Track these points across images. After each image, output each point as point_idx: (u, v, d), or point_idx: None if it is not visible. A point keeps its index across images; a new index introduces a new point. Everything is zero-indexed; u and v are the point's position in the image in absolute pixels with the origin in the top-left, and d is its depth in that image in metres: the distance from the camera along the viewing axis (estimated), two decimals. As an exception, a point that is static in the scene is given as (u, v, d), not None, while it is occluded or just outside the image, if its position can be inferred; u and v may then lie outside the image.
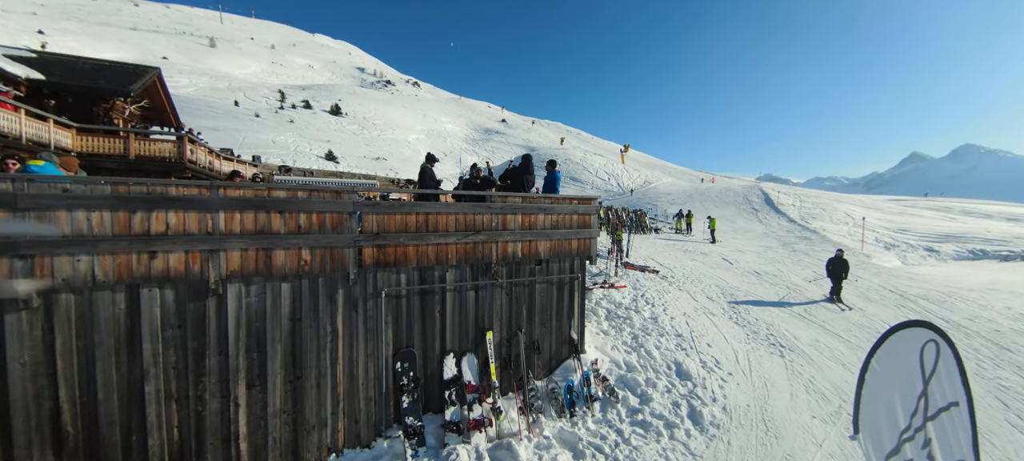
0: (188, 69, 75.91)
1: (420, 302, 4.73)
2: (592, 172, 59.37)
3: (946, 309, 11.44)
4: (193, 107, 46.41)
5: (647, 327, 7.87)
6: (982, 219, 38.01)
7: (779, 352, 7.98)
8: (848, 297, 12.26)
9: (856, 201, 43.13)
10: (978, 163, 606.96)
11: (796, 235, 27.16)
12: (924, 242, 27.18)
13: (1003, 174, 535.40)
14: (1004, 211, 42.00)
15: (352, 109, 78.13)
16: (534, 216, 5.37)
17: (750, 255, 18.46)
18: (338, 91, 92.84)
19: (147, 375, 3.48)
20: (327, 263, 4.11)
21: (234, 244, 3.69)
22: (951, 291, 13.41)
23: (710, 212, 39.39)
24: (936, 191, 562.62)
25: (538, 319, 5.61)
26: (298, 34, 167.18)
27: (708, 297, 10.55)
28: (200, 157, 15.19)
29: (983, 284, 15.23)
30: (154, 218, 3.43)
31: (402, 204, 4.46)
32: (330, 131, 58.92)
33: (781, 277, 14.10)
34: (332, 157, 41.83)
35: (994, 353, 8.42)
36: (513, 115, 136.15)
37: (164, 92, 17.03)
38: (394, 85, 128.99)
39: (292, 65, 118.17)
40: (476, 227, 4.93)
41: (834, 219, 33.83)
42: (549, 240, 5.52)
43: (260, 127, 47.84)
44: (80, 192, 3.21)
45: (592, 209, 5.89)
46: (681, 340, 7.57)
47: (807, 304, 11.27)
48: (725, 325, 8.80)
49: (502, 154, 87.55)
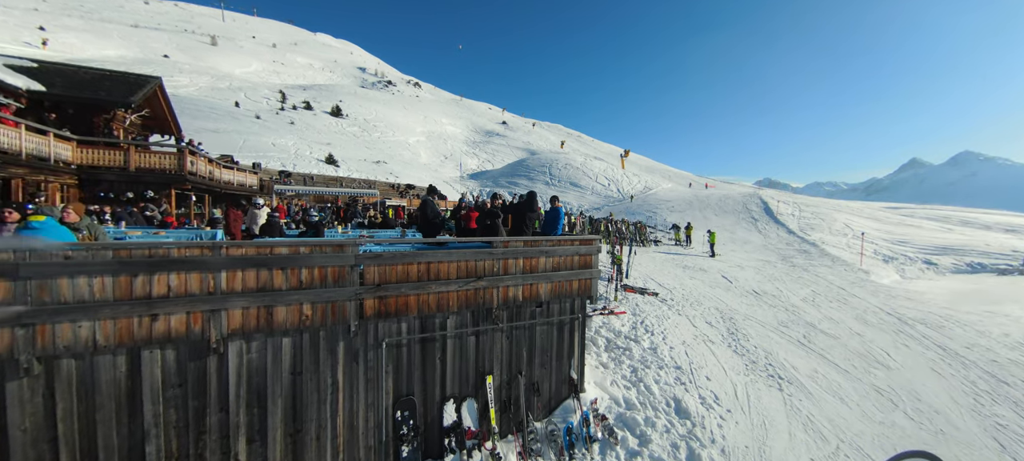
0: (189, 68, 75.87)
1: (420, 350, 4.73)
2: (592, 177, 59.43)
3: (944, 335, 11.45)
4: (194, 108, 46.40)
5: (646, 359, 7.88)
6: (981, 230, 38.04)
7: (778, 385, 7.99)
8: (845, 320, 12.30)
9: (855, 210, 43.20)
10: (978, 170, 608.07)
11: (795, 248, 27.20)
12: (922, 254, 27.23)
13: (1002, 181, 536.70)
14: (1002, 221, 42.03)
15: (353, 110, 78.17)
16: (536, 259, 5.38)
17: (749, 271, 18.48)
18: (339, 91, 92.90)
19: (148, 436, 3.48)
20: (329, 316, 4.12)
21: (236, 302, 3.69)
22: (949, 314, 13.43)
23: (709, 221, 39.46)
24: (935, 198, 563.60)
25: (538, 360, 5.62)
26: (300, 33, 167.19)
27: (707, 322, 10.55)
28: (200, 168, 15.18)
29: (980, 306, 15.28)
30: (156, 281, 3.43)
31: (404, 254, 4.46)
32: (331, 133, 58.95)
33: (780, 297, 14.11)
34: (332, 161, 41.84)
35: (991, 387, 8.44)
36: (513, 117, 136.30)
37: (165, 101, 17.01)
38: (395, 86, 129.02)
39: (293, 64, 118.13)
40: (478, 273, 4.93)
41: (833, 230, 33.89)
42: (550, 282, 5.53)
43: (261, 129, 47.84)
44: (82, 258, 3.21)
45: (594, 250, 5.90)
46: (681, 373, 7.58)
47: (806, 328, 11.26)
48: (724, 355, 8.80)
49: (502, 156, 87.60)
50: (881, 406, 7.79)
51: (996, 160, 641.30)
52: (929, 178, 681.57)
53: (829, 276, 18.61)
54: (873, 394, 8.15)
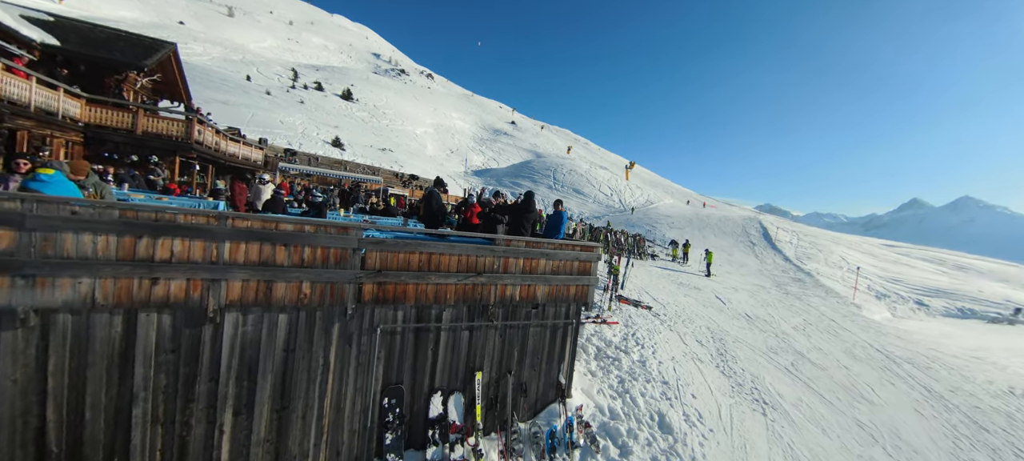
0: (203, 37, 75.73)
1: (414, 339, 4.75)
2: (595, 186, 59.52)
3: (930, 376, 11.52)
4: (205, 78, 46.33)
5: (634, 371, 7.92)
6: (974, 276, 38.14)
7: (762, 409, 8.04)
8: (834, 352, 12.35)
9: (853, 244, 43.32)
10: (977, 216, 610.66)
11: (790, 276, 27.30)
12: (915, 294, 27.35)
13: (1000, 231, 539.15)
14: (997, 270, 42.15)
15: (363, 95, 78.12)
16: (536, 261, 5.42)
17: (743, 294, 18.56)
18: (351, 75, 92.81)
19: (136, 398, 3.50)
20: (327, 297, 4.14)
21: (236, 274, 3.71)
22: (936, 356, 13.50)
23: (708, 240, 39.54)
24: (933, 239, 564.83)
25: (528, 362, 5.65)
26: (317, 12, 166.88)
27: (698, 341, 10.61)
28: (207, 138, 15.17)
29: (968, 350, 15.33)
30: (160, 244, 3.44)
31: (406, 243, 4.49)
32: (339, 116, 58.91)
33: (772, 323, 14.18)
34: (338, 144, 41.82)
35: (971, 432, 8.50)
36: (523, 118, 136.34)
37: (178, 67, 17.00)
38: (408, 75, 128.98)
39: (308, 43, 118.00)
40: (478, 269, 4.96)
41: (829, 262, 33.99)
42: (548, 285, 5.56)
43: (270, 105, 47.80)
44: (89, 215, 3.22)
45: (594, 257, 5.94)
46: (667, 388, 7.62)
47: (794, 356, 11.31)
48: (711, 374, 8.86)
49: (508, 156, 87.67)
50: (861, 440, 7.84)
51: (995, 208, 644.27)
52: (928, 219, 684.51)
53: (821, 307, 18.69)
54: (855, 428, 8.21)
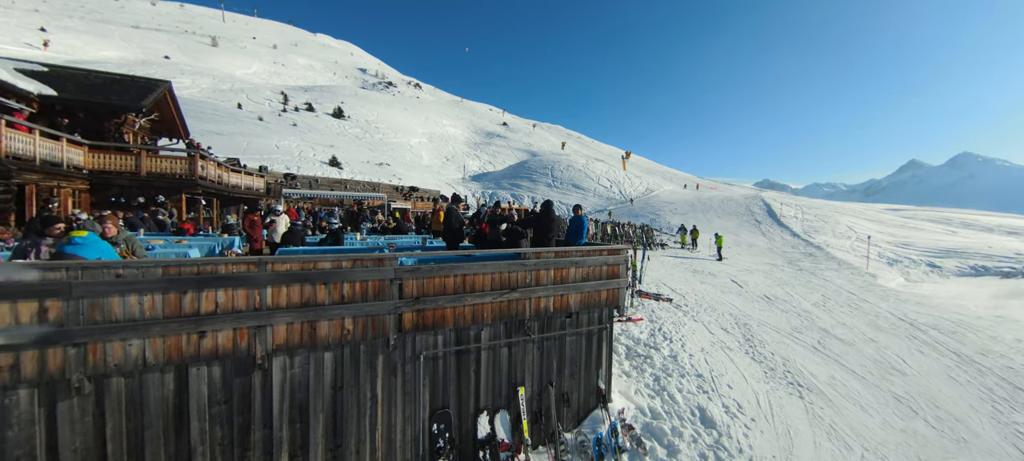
0: (190, 69, 75.83)
1: (456, 362, 4.72)
2: (594, 179, 59.51)
3: (957, 341, 11.45)
4: (197, 110, 46.38)
5: (668, 367, 7.89)
6: (982, 232, 38.07)
7: (798, 392, 7.99)
8: (858, 325, 12.30)
9: (857, 212, 43.26)
10: (976, 172, 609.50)
11: (800, 251, 27.25)
12: (926, 257, 27.24)
13: (1001, 184, 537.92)
14: (1004, 223, 42.06)
15: (354, 111, 78.19)
16: (566, 270, 5.38)
17: (758, 275, 18.51)
18: (340, 92, 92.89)
19: (194, 453, 3.47)
20: (369, 330, 4.11)
21: (280, 318, 3.68)
22: (959, 319, 13.43)
23: (713, 223, 39.52)
24: (934, 199, 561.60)
25: (568, 371, 5.62)
26: (300, 33, 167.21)
27: (723, 328, 10.57)
28: (210, 172, 15.17)
29: (989, 310, 15.31)
30: (204, 297, 3.41)
31: (440, 266, 4.46)
32: (333, 135, 58.95)
33: (791, 302, 14.13)
34: (336, 163, 41.83)
35: (1009, 394, 8.44)
36: (514, 118, 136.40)
37: (174, 104, 17.01)
38: (396, 87, 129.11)
39: (294, 65, 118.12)
40: (511, 284, 4.93)
41: (837, 233, 33.96)
42: (580, 293, 5.53)
43: (264, 131, 47.84)
44: (133, 276, 3.19)
45: (621, 260, 5.90)
46: (702, 381, 7.58)
47: (820, 334, 11.25)
48: (743, 362, 8.81)
49: (504, 158, 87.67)
50: (901, 413, 7.78)
51: (995, 162, 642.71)
52: (928, 179, 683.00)
53: (837, 280, 18.63)
54: (892, 402, 8.15)
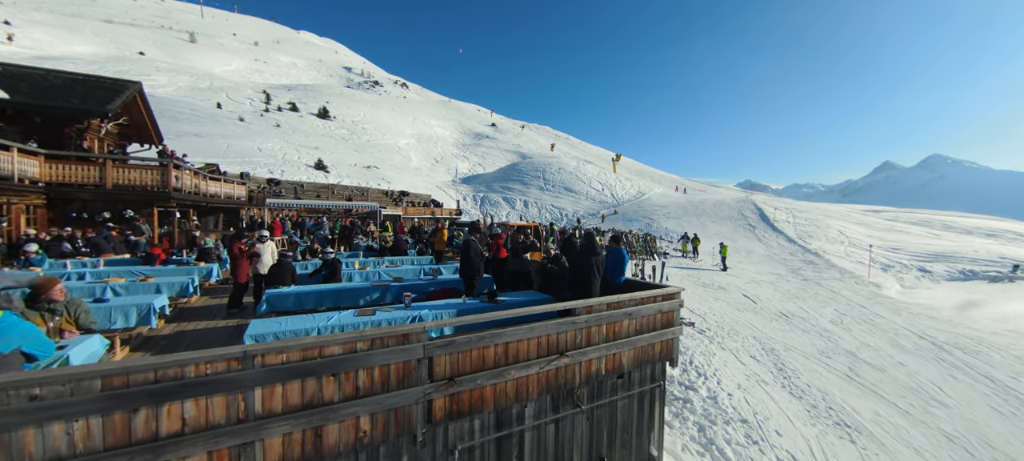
0: (167, 66, 72.67)
1: (496, 450, 3.78)
2: (586, 182, 59.00)
3: (984, 362, 11.01)
4: (174, 110, 44.04)
5: (709, 412, 7.10)
6: (963, 234, 38.84)
7: (847, 435, 7.29)
8: (881, 346, 11.77)
9: (845, 216, 43.74)
10: (945, 173, 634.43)
11: (800, 259, 27.04)
12: (916, 261, 27.40)
13: (968, 184, 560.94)
14: (981, 225, 43.16)
15: (340, 111, 76.14)
16: (619, 323, 4.49)
17: (766, 288, 17.99)
18: (325, 92, 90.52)
19: None
20: (391, 428, 3.14)
21: (274, 428, 2.68)
22: (977, 336, 13.09)
23: (707, 228, 39.34)
24: (907, 200, 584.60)
25: (619, 440, 4.72)
26: (282, 30, 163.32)
27: (752, 357, 9.86)
28: (185, 182, 13.84)
29: (998, 323, 15.13)
30: (165, 414, 2.40)
31: (480, 336, 3.51)
32: (318, 136, 56.96)
33: (809, 319, 13.59)
34: (322, 166, 40.15)
35: (1061, 428, 7.92)
36: (502, 119, 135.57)
37: (145, 107, 15.53)
38: (382, 86, 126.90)
39: (276, 63, 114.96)
40: (560, 348, 4.01)
41: (830, 238, 34.04)
42: (633, 349, 4.64)
43: (245, 132, 45.72)
44: (56, 396, 2.16)
45: (677, 305, 5.04)
46: (749, 429, 6.81)
47: (848, 359, 10.66)
48: (783, 399, 8.08)
49: (493, 159, 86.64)
50: (956, 456, 7.15)
51: (962, 163, 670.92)
52: (901, 180, 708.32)
53: (845, 292, 18.25)
54: (945, 442, 7.52)
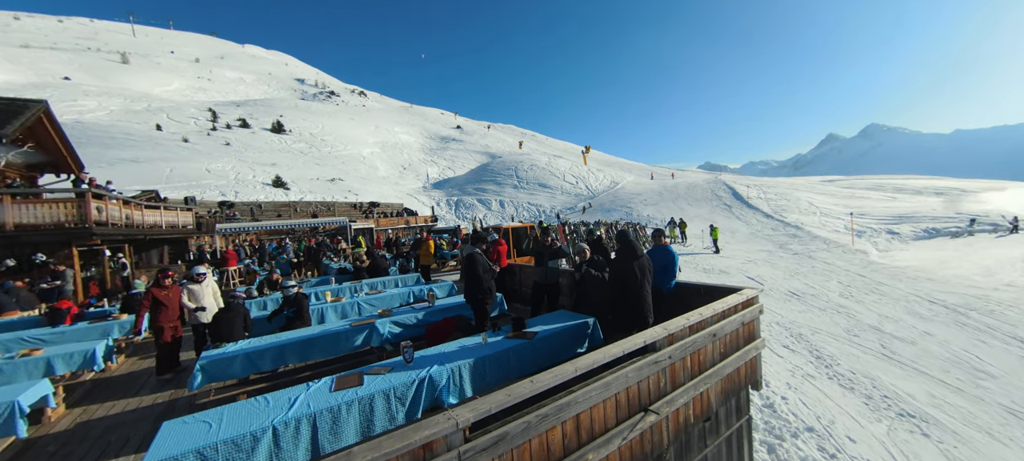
0: (96, 90, 66.42)
1: None
2: (559, 176, 58.38)
3: (1004, 322, 10.71)
4: (105, 136, 39.73)
5: (771, 425, 6.05)
6: (914, 195, 40.91)
7: (917, 428, 6.41)
8: (900, 316, 11.31)
9: (809, 187, 45.18)
10: (883, 140, 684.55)
11: (783, 233, 27.18)
12: (883, 225, 28.25)
13: (903, 149, 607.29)
14: (929, 185, 45.80)
15: (296, 125, 72.16)
16: (702, 350, 3.29)
17: (763, 267, 17.52)
18: (278, 105, 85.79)
19: None
20: None
21: None
22: (981, 294, 12.96)
23: (685, 211, 39.46)
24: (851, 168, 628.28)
25: (709, 504, 3.52)
26: (225, 45, 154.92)
27: (785, 346, 8.98)
28: (112, 213, 11.69)
29: (988, 276, 15.28)
30: None
31: (540, 414, 2.19)
32: (274, 152, 53.33)
33: (819, 297, 13.05)
34: (281, 183, 37.24)
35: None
36: (467, 121, 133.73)
37: (55, 130, 13.08)
38: (339, 96, 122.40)
39: (222, 79, 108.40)
40: (643, 402, 2.76)
41: (802, 210, 34.73)
42: (719, 379, 3.45)
43: (190, 154, 41.90)
44: None
45: (757, 311, 3.90)
46: (818, 438, 5.81)
47: (875, 334, 10.03)
48: (835, 393, 7.17)
49: (463, 162, 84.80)
50: (1030, 435, 6.45)
51: (897, 130, 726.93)
52: (844, 150, 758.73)
53: (838, 262, 18.09)
54: (1011, 418, 6.81)
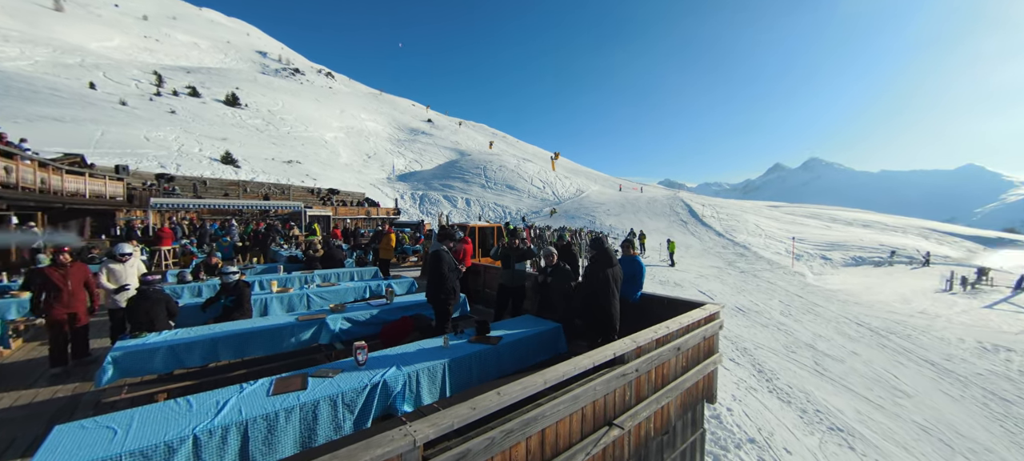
0: (19, 36, 59.02)
1: None
2: (527, 180, 58.74)
3: (917, 345, 11.97)
4: (26, 88, 35.18)
5: (717, 436, 6.27)
6: (845, 226, 44.99)
7: (845, 441, 6.94)
8: (831, 336, 12.24)
9: (757, 211, 48.37)
10: (822, 173, 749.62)
11: (731, 251, 28.82)
12: (818, 251, 30.77)
13: (838, 183, 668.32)
14: (859, 217, 50.53)
15: (253, 99, 67.77)
16: (667, 363, 3.27)
17: (714, 282, 18.42)
18: (234, 77, 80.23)
19: None
20: None
21: None
22: (900, 319, 14.34)
23: (645, 224, 40.92)
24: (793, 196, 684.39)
25: (662, 518, 3.51)
26: (180, 5, 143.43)
27: (731, 359, 9.45)
28: (24, 176, 10.32)
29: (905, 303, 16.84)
30: None
31: (505, 430, 2.03)
32: (226, 126, 49.64)
33: (762, 313, 13.90)
34: (231, 160, 34.63)
35: (1002, 408, 8.40)
36: (439, 115, 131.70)
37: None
38: (304, 74, 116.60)
39: (172, 42, 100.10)
40: (608, 415, 2.67)
41: (750, 231, 37.03)
42: (680, 392, 3.46)
43: (128, 118, 38.02)
44: None
45: (718, 326, 3.97)
46: (760, 450, 6.08)
47: (810, 352, 10.78)
48: (775, 406, 7.60)
49: (431, 156, 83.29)
50: (939, 451, 7.13)
51: (834, 165, 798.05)
52: (788, 179, 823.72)
53: (779, 282, 19.35)
54: (923, 435, 7.54)
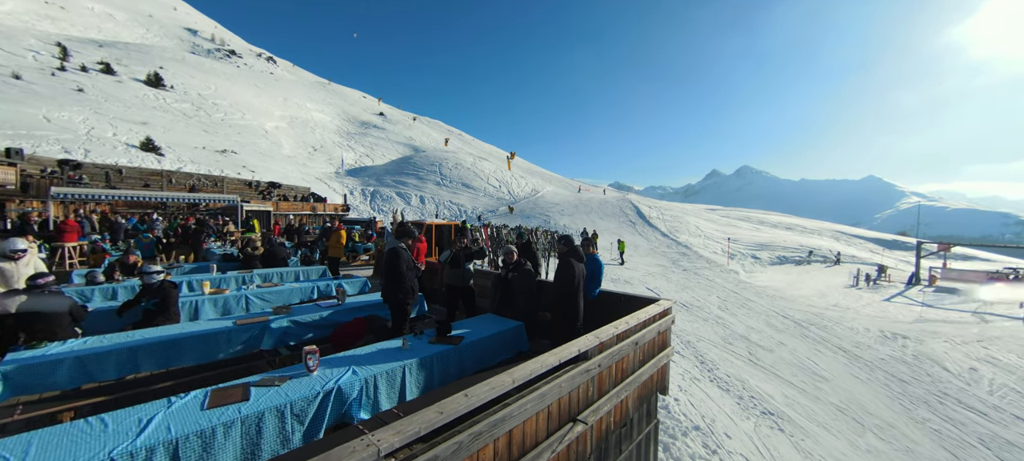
0: None
1: None
2: (483, 178, 58.51)
3: (832, 335, 13.33)
4: None
5: (665, 425, 6.55)
6: (771, 228, 49.40)
7: (776, 424, 7.56)
8: (761, 328, 13.33)
9: (695, 213, 51.76)
10: (752, 180, 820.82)
11: (675, 251, 30.52)
12: (748, 250, 33.52)
13: (766, 190, 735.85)
14: (782, 221, 55.70)
15: (181, 81, 61.50)
16: (626, 357, 3.34)
17: (660, 280, 19.43)
18: (158, 55, 72.28)
19: None
20: None
21: None
22: (817, 313, 15.84)
23: (597, 224, 42.28)
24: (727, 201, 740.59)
25: (619, 509, 3.59)
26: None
27: (677, 352, 9.98)
28: None
29: (821, 297, 18.61)
30: None
31: (473, 432, 1.94)
32: (147, 109, 44.50)
33: (703, 309, 14.81)
34: (152, 147, 31.07)
35: (901, 389, 9.55)
36: (392, 109, 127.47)
37: None
38: (241, 57, 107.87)
39: (80, 10, 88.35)
40: (572, 412, 2.66)
41: (691, 232, 39.45)
42: (637, 385, 3.55)
43: (23, 95, 32.83)
44: None
45: (670, 321, 4.13)
46: (703, 436, 6.46)
47: (744, 343, 11.64)
48: (715, 394, 8.13)
49: (383, 151, 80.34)
50: (852, 428, 7.99)
51: (763, 173, 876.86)
52: (723, 185, 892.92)
53: (717, 279, 20.79)
54: (839, 416, 8.39)
